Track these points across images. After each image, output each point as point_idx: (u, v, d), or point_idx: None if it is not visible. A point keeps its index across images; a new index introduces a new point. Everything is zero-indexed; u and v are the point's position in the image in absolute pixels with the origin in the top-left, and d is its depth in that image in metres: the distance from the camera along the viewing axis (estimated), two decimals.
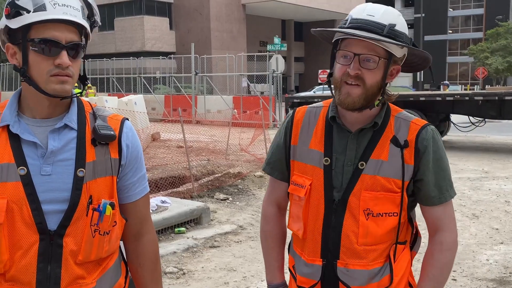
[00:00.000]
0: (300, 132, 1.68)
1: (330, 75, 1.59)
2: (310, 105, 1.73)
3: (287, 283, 1.81)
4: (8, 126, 1.38)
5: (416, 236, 1.71)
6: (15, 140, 1.36)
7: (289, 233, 1.81)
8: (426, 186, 1.58)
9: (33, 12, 1.30)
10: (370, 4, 1.56)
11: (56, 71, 1.32)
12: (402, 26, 1.52)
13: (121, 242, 1.57)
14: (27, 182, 1.34)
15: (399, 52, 1.52)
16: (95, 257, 1.42)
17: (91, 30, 1.44)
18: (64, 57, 1.31)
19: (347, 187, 1.57)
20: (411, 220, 1.67)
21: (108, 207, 1.40)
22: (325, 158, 1.60)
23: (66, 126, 1.40)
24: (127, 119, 1.53)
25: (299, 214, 1.65)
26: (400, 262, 1.62)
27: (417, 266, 1.85)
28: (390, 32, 1.47)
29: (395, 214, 1.57)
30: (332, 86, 1.58)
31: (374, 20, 1.48)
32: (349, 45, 1.50)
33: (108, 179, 1.43)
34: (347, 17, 1.55)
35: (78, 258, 1.38)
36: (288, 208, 1.82)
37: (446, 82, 22.30)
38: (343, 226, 1.57)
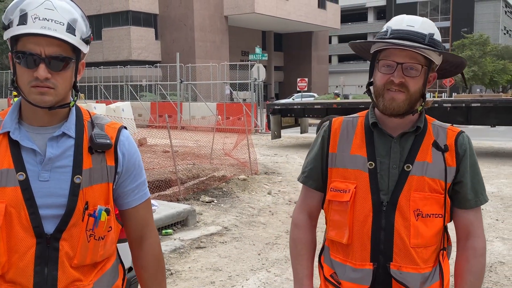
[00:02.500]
0: (339, 140, 1.63)
1: (370, 84, 1.58)
2: (346, 116, 1.70)
3: None
4: (8, 133, 1.35)
5: (447, 243, 1.66)
6: (15, 146, 1.34)
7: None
8: (464, 188, 1.56)
9: (16, 25, 1.28)
10: (406, 15, 1.55)
11: (35, 83, 1.29)
12: (438, 35, 1.52)
13: (118, 245, 1.55)
14: (25, 187, 1.31)
15: (437, 59, 1.53)
16: (90, 261, 1.39)
17: (87, 43, 1.38)
18: (40, 70, 1.27)
19: (395, 189, 1.53)
20: (446, 228, 1.63)
21: (103, 213, 1.38)
22: (369, 162, 1.56)
23: (64, 134, 1.38)
24: (125, 127, 1.50)
25: (342, 219, 1.58)
26: (445, 268, 1.59)
27: None
28: (431, 41, 1.48)
29: (440, 216, 1.54)
30: (372, 94, 1.57)
31: (415, 30, 1.48)
32: (391, 55, 1.49)
33: (104, 186, 1.40)
34: (385, 29, 1.54)
35: (73, 261, 1.36)
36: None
37: (337, 91, 20.42)
38: (394, 227, 1.51)
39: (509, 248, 5.42)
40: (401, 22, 1.51)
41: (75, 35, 1.32)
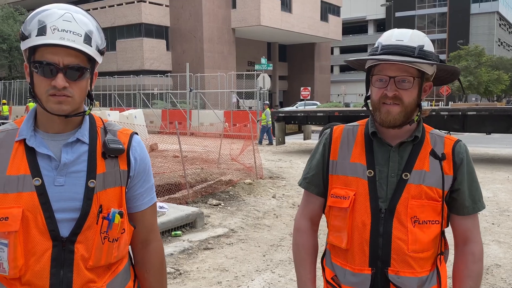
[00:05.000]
0: (340, 148, 1.61)
1: (367, 98, 1.57)
2: (346, 125, 1.68)
3: None
4: (24, 140, 1.34)
5: (444, 248, 1.62)
6: (31, 153, 1.33)
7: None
8: (461, 196, 1.54)
9: (35, 36, 1.27)
10: (396, 30, 1.53)
11: (53, 91, 1.28)
12: (429, 45, 1.49)
13: (130, 247, 1.53)
14: (41, 192, 1.30)
15: (430, 70, 1.50)
16: (105, 262, 1.37)
17: (101, 54, 1.38)
18: (58, 79, 1.26)
19: (393, 197, 1.50)
20: (443, 233, 1.61)
21: (117, 216, 1.36)
22: (368, 170, 1.53)
23: (78, 140, 1.37)
24: (136, 133, 1.49)
25: (341, 225, 1.56)
26: (442, 272, 1.56)
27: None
28: (420, 53, 1.45)
29: (437, 222, 1.52)
30: (370, 108, 1.56)
31: (404, 44, 1.46)
32: (384, 69, 1.48)
33: (117, 190, 1.39)
34: (376, 45, 1.51)
35: (88, 263, 1.34)
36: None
37: (267, 102, 18.76)
38: (392, 234, 1.49)
39: (504, 251, 5.35)
40: (390, 37, 1.49)
41: (91, 46, 1.32)
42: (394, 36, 1.49)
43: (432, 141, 1.56)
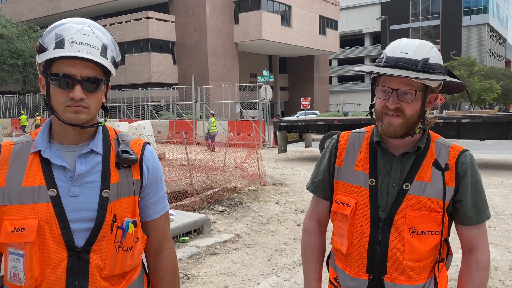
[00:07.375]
0: (345, 155, 1.57)
1: (372, 106, 1.52)
2: (353, 131, 1.63)
3: None
4: (40, 151, 1.32)
5: (447, 254, 1.58)
6: (46, 164, 1.30)
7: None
8: (464, 207, 1.48)
9: (53, 49, 1.25)
10: (403, 40, 1.44)
11: (70, 103, 1.26)
12: (435, 58, 1.42)
13: (143, 255, 1.50)
14: (56, 203, 1.27)
15: (434, 82, 1.43)
16: (119, 271, 1.34)
17: (116, 67, 1.37)
18: (76, 91, 1.25)
19: (392, 207, 1.46)
20: (446, 239, 1.56)
21: (131, 225, 1.33)
22: (370, 179, 1.50)
23: (92, 151, 1.34)
24: (148, 143, 1.47)
25: (343, 231, 1.54)
26: (441, 279, 1.52)
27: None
28: (424, 66, 1.38)
29: (437, 233, 1.46)
30: (374, 116, 1.51)
31: (408, 57, 1.39)
32: (387, 81, 1.43)
33: (130, 199, 1.36)
34: (382, 55, 1.45)
35: (103, 272, 1.31)
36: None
37: (212, 112, 19.12)
38: (389, 243, 1.46)
39: (501, 253, 5.29)
40: (396, 49, 1.43)
41: (107, 59, 1.30)
42: (400, 48, 1.43)
43: (437, 151, 1.50)
